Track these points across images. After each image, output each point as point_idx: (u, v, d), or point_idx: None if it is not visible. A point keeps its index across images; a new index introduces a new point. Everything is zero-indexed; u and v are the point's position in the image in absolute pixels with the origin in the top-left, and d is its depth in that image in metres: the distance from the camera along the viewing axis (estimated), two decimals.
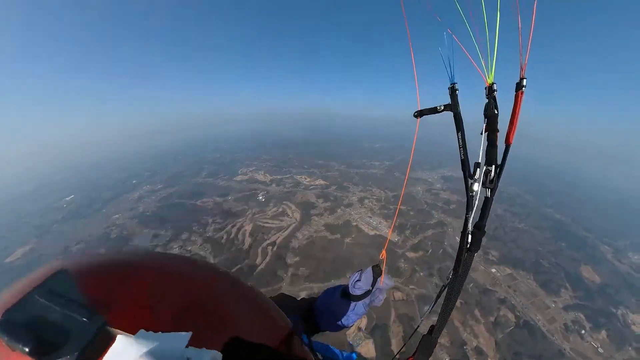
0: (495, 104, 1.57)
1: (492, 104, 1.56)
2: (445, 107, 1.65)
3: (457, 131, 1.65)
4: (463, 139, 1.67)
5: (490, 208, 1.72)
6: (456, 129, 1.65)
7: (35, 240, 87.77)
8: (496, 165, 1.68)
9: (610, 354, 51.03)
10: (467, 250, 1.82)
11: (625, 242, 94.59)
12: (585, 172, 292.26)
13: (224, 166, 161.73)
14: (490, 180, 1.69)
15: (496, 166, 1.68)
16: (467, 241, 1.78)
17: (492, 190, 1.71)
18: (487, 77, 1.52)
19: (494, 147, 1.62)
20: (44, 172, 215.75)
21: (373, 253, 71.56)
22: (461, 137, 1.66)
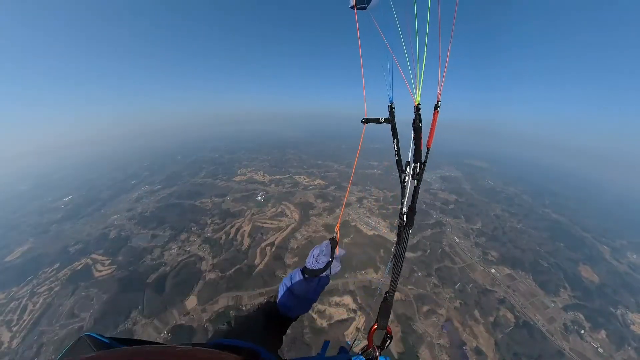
0: (420, 118, 2.19)
1: (417, 118, 2.18)
2: (385, 120, 2.33)
3: (393, 138, 2.31)
4: (397, 144, 2.38)
5: (418, 194, 2.44)
6: (392, 136, 2.32)
7: (33, 240, 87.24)
8: (421, 162, 2.31)
9: (610, 354, 50.98)
10: (404, 227, 2.54)
11: (623, 241, 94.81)
12: (582, 173, 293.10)
13: (223, 166, 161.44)
14: (417, 174, 2.36)
15: (421, 163, 2.31)
16: (404, 220, 2.52)
17: (418, 181, 2.39)
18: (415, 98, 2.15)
19: (419, 150, 2.26)
20: (41, 172, 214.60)
21: (372, 253, 71.47)
22: (396, 143, 2.34)
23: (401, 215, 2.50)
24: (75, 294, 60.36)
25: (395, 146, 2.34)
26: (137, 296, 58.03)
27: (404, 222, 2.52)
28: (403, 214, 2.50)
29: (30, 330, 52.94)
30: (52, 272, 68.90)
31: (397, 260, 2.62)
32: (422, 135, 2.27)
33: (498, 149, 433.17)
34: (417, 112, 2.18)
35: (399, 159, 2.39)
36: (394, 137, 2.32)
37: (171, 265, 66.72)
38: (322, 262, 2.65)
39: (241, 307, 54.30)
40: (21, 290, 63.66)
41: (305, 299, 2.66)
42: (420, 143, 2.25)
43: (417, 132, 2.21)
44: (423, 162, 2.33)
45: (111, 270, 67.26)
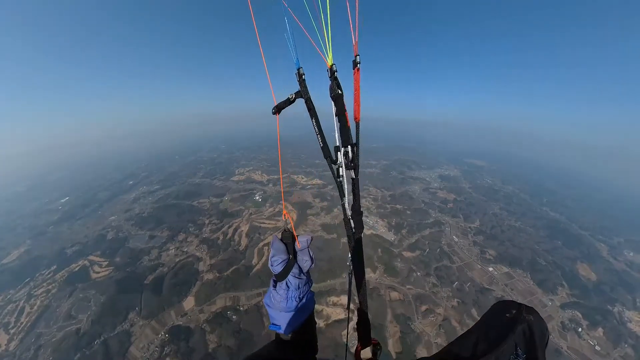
0: (338, 84, 1.67)
1: (335, 85, 1.66)
2: (296, 95, 1.69)
3: (311, 117, 1.72)
4: (318, 124, 1.74)
5: (358, 187, 1.96)
6: (310, 115, 1.72)
7: (30, 242, 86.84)
8: (352, 144, 1.79)
9: (607, 351, 51.17)
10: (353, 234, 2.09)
11: (620, 239, 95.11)
12: (579, 171, 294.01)
13: (221, 166, 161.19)
14: (351, 160, 1.84)
15: (352, 145, 1.79)
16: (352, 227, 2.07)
17: (355, 169, 1.89)
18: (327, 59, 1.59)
19: (347, 128, 1.74)
20: (37, 173, 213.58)
21: (369, 252, 71.45)
22: (316, 123, 1.73)
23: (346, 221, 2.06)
24: (73, 296, 60.12)
25: (315, 128, 1.76)
26: (134, 297, 57.85)
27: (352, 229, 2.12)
28: (348, 220, 2.06)
29: (27, 333, 52.75)
30: (49, 274, 68.60)
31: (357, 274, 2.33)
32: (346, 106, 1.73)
33: (496, 147, 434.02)
34: (333, 75, 1.65)
35: (324, 145, 1.86)
36: (311, 116, 1.74)
37: (169, 266, 66.55)
38: (279, 263, 2.29)
39: (239, 308, 54.20)
40: (18, 293, 63.38)
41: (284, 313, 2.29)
42: (345, 118, 1.73)
43: (338, 103, 1.69)
44: (355, 142, 1.82)
45: (108, 271, 67.03)
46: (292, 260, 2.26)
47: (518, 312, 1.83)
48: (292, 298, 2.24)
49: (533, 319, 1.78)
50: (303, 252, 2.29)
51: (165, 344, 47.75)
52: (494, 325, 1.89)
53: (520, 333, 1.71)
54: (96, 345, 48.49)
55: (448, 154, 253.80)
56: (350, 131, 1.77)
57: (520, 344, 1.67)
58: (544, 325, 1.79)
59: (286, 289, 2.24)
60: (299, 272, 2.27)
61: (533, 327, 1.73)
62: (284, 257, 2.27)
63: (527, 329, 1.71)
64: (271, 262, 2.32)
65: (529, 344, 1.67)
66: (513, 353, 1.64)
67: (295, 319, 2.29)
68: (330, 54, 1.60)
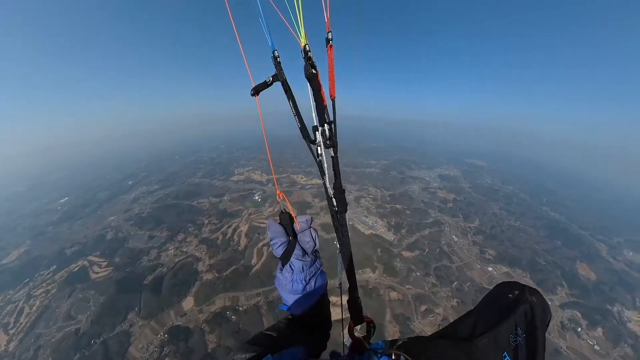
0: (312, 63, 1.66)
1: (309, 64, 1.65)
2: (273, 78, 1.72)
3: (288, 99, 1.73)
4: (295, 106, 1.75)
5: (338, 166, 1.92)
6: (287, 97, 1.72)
7: (29, 242, 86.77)
8: (329, 122, 1.78)
9: (607, 351, 51.16)
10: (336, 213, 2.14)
11: (620, 239, 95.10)
12: (579, 171, 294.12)
13: (221, 166, 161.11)
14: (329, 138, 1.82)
15: (328, 123, 1.78)
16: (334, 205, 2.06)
17: (334, 147, 1.88)
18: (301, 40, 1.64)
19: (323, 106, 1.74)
20: (37, 173, 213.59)
21: (369, 252, 71.47)
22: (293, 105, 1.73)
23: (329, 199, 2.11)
24: (72, 296, 60.10)
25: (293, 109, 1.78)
26: (134, 297, 57.84)
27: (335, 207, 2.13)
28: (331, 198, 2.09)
29: (27, 333, 52.73)
30: (49, 274, 68.59)
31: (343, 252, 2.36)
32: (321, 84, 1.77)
33: (496, 147, 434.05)
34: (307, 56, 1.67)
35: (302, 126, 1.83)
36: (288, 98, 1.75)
37: (168, 266, 66.52)
38: (279, 245, 2.21)
39: (238, 308, 54.19)
40: (18, 293, 63.36)
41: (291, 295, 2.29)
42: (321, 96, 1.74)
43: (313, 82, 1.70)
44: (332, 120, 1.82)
45: (108, 271, 67.02)
46: (292, 242, 2.20)
47: (521, 293, 1.83)
48: (297, 281, 2.21)
49: (535, 300, 1.77)
50: (304, 233, 2.20)
51: (165, 344, 47.74)
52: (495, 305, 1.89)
53: (522, 313, 1.71)
54: (95, 345, 48.47)
55: (448, 153, 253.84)
56: (327, 109, 1.77)
57: (520, 324, 1.69)
58: (547, 307, 1.79)
59: (291, 272, 2.21)
60: (302, 254, 2.22)
61: (535, 308, 1.72)
62: (283, 239, 2.19)
63: (529, 310, 1.71)
64: (271, 244, 2.24)
65: (530, 325, 1.68)
66: (513, 332, 1.67)
67: (304, 302, 2.28)
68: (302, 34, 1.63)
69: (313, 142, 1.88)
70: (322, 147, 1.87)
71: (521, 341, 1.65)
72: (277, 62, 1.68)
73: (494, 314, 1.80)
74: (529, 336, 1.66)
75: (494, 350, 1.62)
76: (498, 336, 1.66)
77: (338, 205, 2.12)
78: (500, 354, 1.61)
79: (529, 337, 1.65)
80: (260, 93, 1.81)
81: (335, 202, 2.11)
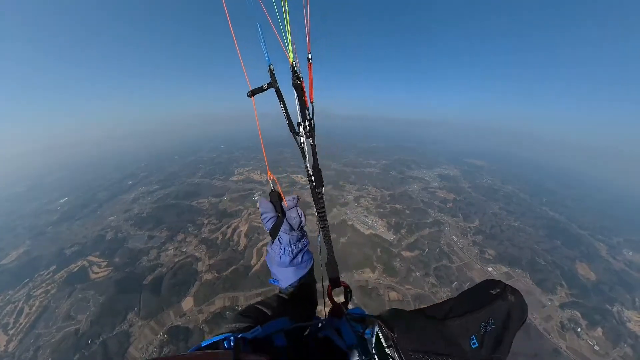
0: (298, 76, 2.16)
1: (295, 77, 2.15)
2: (268, 85, 2.16)
3: (280, 101, 2.22)
4: (285, 107, 2.26)
5: (316, 150, 2.54)
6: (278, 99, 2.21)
7: (29, 242, 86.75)
8: (309, 119, 2.36)
9: (606, 351, 51.19)
10: (314, 188, 2.60)
11: (619, 238, 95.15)
12: (579, 171, 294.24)
13: (220, 166, 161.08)
14: (309, 131, 2.41)
15: (309, 120, 2.36)
16: (313, 181, 2.58)
17: (312, 138, 2.45)
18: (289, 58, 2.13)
19: (306, 107, 2.31)
20: (37, 173, 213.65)
21: (369, 252, 71.48)
22: (283, 106, 2.24)
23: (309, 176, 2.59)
24: (72, 296, 60.08)
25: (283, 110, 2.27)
26: (133, 298, 57.84)
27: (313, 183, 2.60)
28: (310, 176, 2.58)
29: (26, 334, 52.71)
30: (49, 274, 68.57)
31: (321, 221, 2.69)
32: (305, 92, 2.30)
33: (496, 147, 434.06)
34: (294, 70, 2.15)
35: (289, 122, 2.37)
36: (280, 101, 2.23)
37: (167, 267, 66.52)
38: (268, 219, 2.55)
39: (237, 308, 54.16)
40: (17, 294, 63.33)
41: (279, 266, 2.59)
42: (305, 100, 2.29)
43: (298, 90, 2.24)
44: (311, 118, 2.38)
45: (107, 272, 67.01)
46: (280, 217, 2.51)
47: (502, 291, 1.91)
48: (284, 254, 2.50)
49: (515, 299, 1.86)
50: (291, 210, 2.53)
51: (164, 345, 47.73)
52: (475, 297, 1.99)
53: (498, 308, 1.80)
54: (95, 345, 48.47)
55: (448, 153, 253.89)
56: (308, 110, 2.33)
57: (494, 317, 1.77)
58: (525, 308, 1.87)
59: (279, 245, 2.50)
60: (289, 229, 2.50)
61: (512, 307, 1.81)
62: (272, 214, 2.51)
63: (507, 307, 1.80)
64: (262, 220, 2.55)
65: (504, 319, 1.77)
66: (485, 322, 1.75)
67: (292, 275, 2.55)
68: (291, 53, 2.10)
69: (297, 133, 2.42)
70: (304, 137, 2.42)
71: (491, 330, 1.73)
72: (272, 74, 2.12)
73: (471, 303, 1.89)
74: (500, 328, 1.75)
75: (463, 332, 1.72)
76: (470, 322, 1.75)
77: (316, 182, 2.59)
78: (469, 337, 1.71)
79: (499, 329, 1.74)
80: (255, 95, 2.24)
81: (314, 179, 2.59)
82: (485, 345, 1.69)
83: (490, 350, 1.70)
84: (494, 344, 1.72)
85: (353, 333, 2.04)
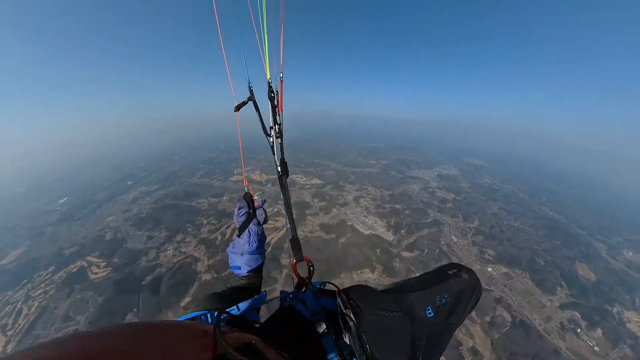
0: (272, 90, 2.71)
1: (269, 91, 2.70)
2: (248, 99, 2.70)
3: (257, 111, 2.77)
4: (260, 116, 2.79)
5: (283, 148, 3.00)
6: (256, 110, 2.76)
7: (28, 243, 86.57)
8: (278, 123, 2.84)
9: (606, 352, 51.16)
10: (280, 176, 3.05)
11: (619, 239, 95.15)
12: (578, 170, 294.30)
13: (220, 166, 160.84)
14: (278, 132, 2.87)
15: (278, 124, 2.85)
16: (279, 171, 3.03)
17: (281, 138, 2.92)
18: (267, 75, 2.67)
19: (276, 114, 2.81)
20: (36, 173, 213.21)
21: (368, 253, 71.38)
22: (259, 115, 2.78)
23: (277, 167, 3.03)
24: (71, 297, 59.98)
25: (259, 117, 2.79)
26: (132, 298, 57.75)
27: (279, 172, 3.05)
28: (278, 167, 3.02)
29: (25, 334, 52.63)
30: (48, 275, 68.44)
31: (286, 204, 3.07)
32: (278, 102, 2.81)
33: (495, 147, 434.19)
34: (269, 85, 2.70)
35: (263, 126, 2.85)
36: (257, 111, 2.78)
37: (167, 267, 66.42)
38: (243, 213, 2.83)
39: None
40: (16, 294, 63.19)
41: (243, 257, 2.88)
42: (277, 110, 2.81)
43: (272, 101, 2.76)
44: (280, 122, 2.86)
45: (106, 272, 66.90)
46: (252, 213, 2.85)
47: (458, 271, 2.35)
48: (253, 241, 2.85)
49: (468, 278, 2.29)
50: (259, 209, 2.90)
51: None
52: (433, 275, 2.43)
53: (453, 285, 2.21)
54: None
55: (447, 153, 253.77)
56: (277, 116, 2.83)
57: (449, 292, 2.16)
58: (478, 286, 2.31)
59: (249, 235, 2.82)
60: (257, 222, 2.88)
61: (464, 283, 2.24)
62: (246, 209, 2.83)
63: (460, 284, 2.22)
64: (237, 213, 2.83)
65: (458, 294, 2.17)
66: (440, 295, 2.12)
67: (254, 261, 2.89)
68: (267, 72, 2.65)
69: (269, 135, 2.90)
70: (274, 138, 2.90)
71: (445, 302, 2.09)
72: (251, 91, 2.73)
73: (429, 280, 2.31)
74: (453, 301, 2.12)
75: (420, 303, 2.05)
76: (427, 295, 2.11)
77: (282, 172, 3.04)
78: (425, 307, 2.03)
79: (453, 301, 2.12)
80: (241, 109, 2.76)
81: (280, 169, 3.03)
82: (439, 314, 2.03)
83: (444, 318, 2.06)
84: (448, 313, 2.08)
85: (315, 302, 2.28)
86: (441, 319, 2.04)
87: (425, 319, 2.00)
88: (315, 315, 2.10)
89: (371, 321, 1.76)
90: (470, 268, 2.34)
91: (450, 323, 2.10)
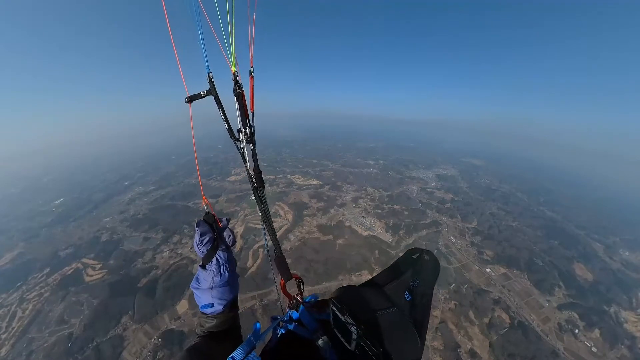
0: (239, 85, 2.32)
1: (237, 86, 2.30)
2: (207, 92, 2.22)
3: (219, 109, 2.28)
4: (224, 114, 2.33)
5: (256, 155, 2.68)
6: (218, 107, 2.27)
7: (23, 244, 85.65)
8: (249, 126, 2.50)
9: (604, 353, 51.07)
10: (256, 188, 2.77)
11: (616, 238, 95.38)
12: (576, 171, 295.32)
13: (218, 166, 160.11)
14: (249, 137, 2.52)
15: (249, 127, 2.50)
16: (254, 182, 2.73)
17: (253, 143, 2.58)
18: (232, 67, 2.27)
19: (246, 115, 2.45)
20: (31, 174, 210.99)
21: (366, 254, 71.04)
22: (222, 113, 2.31)
23: (251, 179, 2.69)
24: (65, 300, 59.31)
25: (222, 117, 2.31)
26: (127, 301, 57.16)
27: (255, 184, 2.73)
28: (252, 178, 2.68)
29: (19, 338, 51.93)
30: (42, 277, 67.68)
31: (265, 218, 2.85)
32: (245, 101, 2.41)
33: (494, 147, 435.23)
34: (235, 79, 2.29)
35: (229, 127, 2.41)
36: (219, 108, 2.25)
37: (162, 269, 65.83)
38: (207, 241, 2.39)
39: None
40: (10, 297, 62.40)
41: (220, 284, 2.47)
42: (245, 109, 2.42)
43: (239, 99, 2.35)
44: (252, 125, 2.50)
45: (102, 274, 66.23)
46: (217, 238, 2.45)
47: (420, 254, 2.97)
48: (224, 271, 2.46)
49: (428, 258, 2.94)
50: (225, 230, 2.55)
51: (159, 349, 47.13)
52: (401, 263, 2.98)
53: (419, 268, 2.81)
54: (88, 350, 47.82)
55: (445, 153, 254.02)
56: (248, 118, 2.47)
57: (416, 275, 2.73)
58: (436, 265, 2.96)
59: (217, 264, 2.43)
60: (225, 247, 2.52)
61: (426, 264, 2.89)
62: (210, 235, 2.40)
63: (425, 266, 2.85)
64: (199, 242, 2.37)
65: (423, 275, 2.76)
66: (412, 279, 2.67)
67: (229, 292, 2.50)
68: (233, 63, 2.25)
69: (237, 139, 2.52)
70: (244, 143, 2.52)
71: (418, 284, 2.64)
72: (211, 82, 2.18)
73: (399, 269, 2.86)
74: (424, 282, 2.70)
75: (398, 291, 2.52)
76: (401, 282, 2.64)
77: (257, 183, 2.74)
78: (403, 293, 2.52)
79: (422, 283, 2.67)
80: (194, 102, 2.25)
81: (255, 181, 2.72)
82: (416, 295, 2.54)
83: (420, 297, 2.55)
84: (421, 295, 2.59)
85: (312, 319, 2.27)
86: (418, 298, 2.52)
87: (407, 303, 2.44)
88: (315, 333, 2.05)
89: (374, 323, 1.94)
90: (428, 250, 3.00)
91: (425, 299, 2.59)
